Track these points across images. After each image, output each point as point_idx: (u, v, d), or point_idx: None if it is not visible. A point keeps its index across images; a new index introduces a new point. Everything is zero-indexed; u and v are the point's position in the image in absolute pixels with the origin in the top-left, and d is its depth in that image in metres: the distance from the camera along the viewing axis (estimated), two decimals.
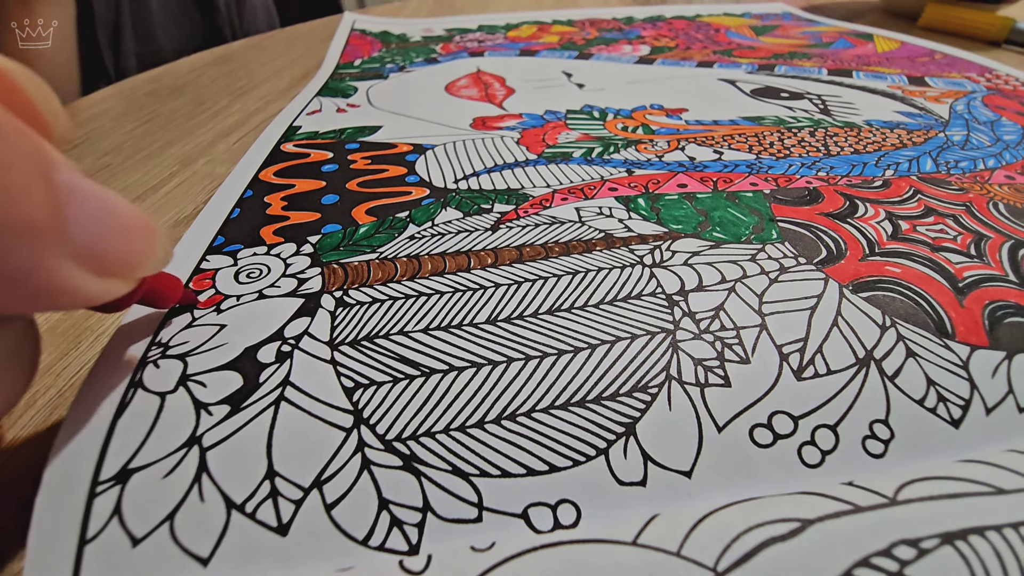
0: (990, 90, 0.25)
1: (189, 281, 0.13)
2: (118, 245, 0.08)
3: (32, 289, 0.07)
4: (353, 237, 0.14)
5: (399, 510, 0.08)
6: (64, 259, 0.07)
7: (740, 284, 0.12)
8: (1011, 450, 0.09)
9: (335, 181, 0.17)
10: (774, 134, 0.20)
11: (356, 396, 0.10)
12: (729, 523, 0.08)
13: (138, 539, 0.08)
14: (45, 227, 0.07)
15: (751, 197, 0.16)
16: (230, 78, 0.30)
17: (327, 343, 0.11)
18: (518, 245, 0.14)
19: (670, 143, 0.20)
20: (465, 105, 0.24)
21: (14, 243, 0.06)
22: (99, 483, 0.08)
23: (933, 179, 0.17)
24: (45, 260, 0.07)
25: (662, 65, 0.30)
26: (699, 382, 0.10)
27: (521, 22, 0.40)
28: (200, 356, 0.10)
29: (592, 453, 0.09)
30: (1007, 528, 0.08)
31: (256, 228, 0.15)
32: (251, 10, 0.54)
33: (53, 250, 0.07)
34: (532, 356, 0.10)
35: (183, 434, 0.09)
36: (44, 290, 0.07)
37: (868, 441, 0.09)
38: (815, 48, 0.32)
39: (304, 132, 0.21)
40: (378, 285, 0.12)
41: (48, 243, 0.07)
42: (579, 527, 0.08)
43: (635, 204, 0.16)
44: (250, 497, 0.08)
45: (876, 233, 0.14)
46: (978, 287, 0.12)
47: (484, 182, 0.17)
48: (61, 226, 0.07)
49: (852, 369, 0.10)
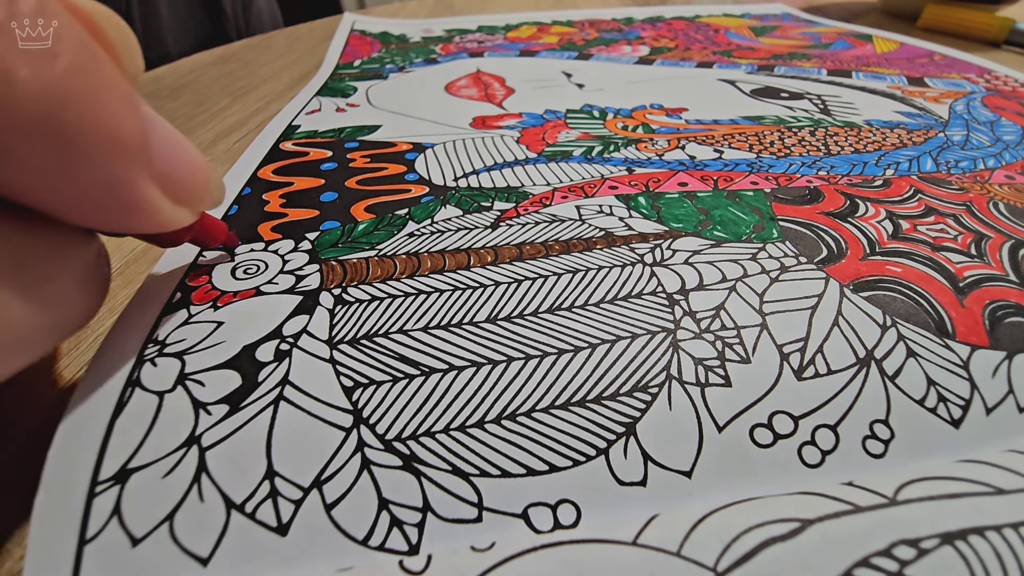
0: (989, 91, 0.25)
1: (185, 277, 0.12)
2: (188, 175, 0.09)
3: (120, 202, 0.08)
4: (352, 234, 0.14)
5: (399, 510, 0.08)
6: (147, 178, 0.08)
7: (741, 283, 0.12)
8: (1011, 450, 0.09)
9: (334, 179, 0.17)
10: (774, 133, 0.20)
11: (356, 395, 0.10)
12: (729, 523, 0.08)
13: (138, 539, 0.08)
14: (134, 144, 0.07)
15: (752, 196, 0.16)
16: (230, 78, 0.30)
17: (326, 342, 0.11)
18: (518, 243, 0.14)
19: (670, 142, 0.20)
20: (465, 105, 0.24)
21: (109, 156, 0.07)
22: (98, 483, 0.08)
23: (933, 179, 0.17)
24: (132, 174, 0.08)
25: (662, 65, 0.30)
26: (699, 382, 0.10)
27: (520, 23, 0.40)
28: (198, 354, 0.10)
29: (592, 453, 0.09)
30: (1007, 528, 0.08)
31: (254, 225, 0.15)
32: (257, 13, 0.55)
33: (140, 167, 0.08)
34: (532, 355, 0.10)
35: (182, 434, 0.09)
36: (130, 204, 0.08)
37: (868, 441, 0.09)
38: (814, 49, 0.32)
39: (303, 131, 0.21)
40: (377, 283, 0.12)
41: (136, 160, 0.08)
42: (579, 527, 0.08)
43: (635, 202, 0.16)
44: (250, 497, 0.08)
45: (877, 232, 0.14)
46: (978, 287, 0.12)
47: (484, 180, 0.17)
48: (146, 148, 0.08)
49: (852, 369, 0.10)
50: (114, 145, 0.07)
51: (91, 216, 0.08)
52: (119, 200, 0.08)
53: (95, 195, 0.07)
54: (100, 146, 0.07)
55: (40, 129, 0.06)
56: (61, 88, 0.06)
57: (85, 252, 0.09)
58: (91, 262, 0.09)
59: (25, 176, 0.07)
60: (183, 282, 0.12)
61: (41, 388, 0.11)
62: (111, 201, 0.08)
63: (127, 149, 0.07)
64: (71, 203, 0.07)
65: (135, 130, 0.07)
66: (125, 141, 0.07)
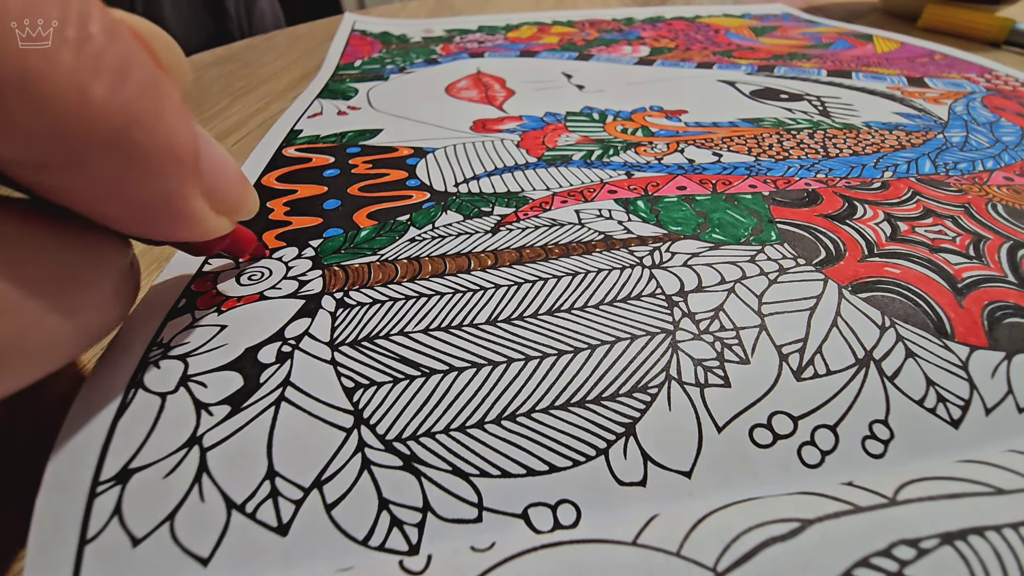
0: (989, 91, 0.25)
1: (192, 283, 0.13)
2: (231, 187, 0.09)
3: (172, 213, 0.08)
4: (354, 240, 0.14)
5: (399, 510, 0.08)
6: (197, 191, 0.08)
7: (739, 285, 0.12)
8: (1011, 450, 0.09)
9: (337, 186, 0.17)
10: (773, 136, 0.21)
11: (356, 396, 0.10)
12: (729, 523, 0.08)
13: (138, 539, 0.08)
14: (189, 160, 0.08)
15: (750, 199, 0.16)
16: (230, 79, 0.30)
17: (327, 343, 0.11)
18: (518, 247, 0.14)
19: (669, 146, 0.20)
20: (465, 107, 0.24)
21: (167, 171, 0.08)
22: (99, 483, 0.08)
23: (932, 180, 0.17)
24: (185, 187, 0.08)
25: (662, 66, 0.30)
26: (699, 382, 0.10)
27: (521, 23, 0.40)
28: (201, 356, 0.10)
29: (592, 453, 0.09)
30: (1007, 528, 0.08)
31: (259, 233, 0.15)
32: (260, 13, 0.55)
33: (191, 181, 0.08)
34: (532, 356, 0.11)
35: (183, 434, 0.09)
36: (179, 214, 0.08)
37: (868, 441, 0.09)
38: (814, 49, 0.33)
39: (305, 136, 0.21)
40: (378, 286, 0.12)
41: (189, 175, 0.08)
42: (579, 527, 0.08)
43: (634, 206, 0.16)
44: (250, 497, 0.08)
45: (875, 234, 0.14)
46: (977, 288, 0.12)
47: (484, 185, 0.17)
48: (198, 163, 0.08)
49: (852, 369, 0.10)
50: (173, 161, 0.08)
51: (143, 225, 0.08)
52: (171, 211, 0.08)
53: (151, 206, 0.08)
54: (161, 162, 0.07)
55: (111, 145, 0.07)
56: (131, 108, 0.07)
57: (121, 260, 0.09)
58: (125, 270, 0.09)
59: (91, 187, 0.07)
60: (188, 288, 0.12)
61: (44, 388, 0.11)
62: (164, 212, 0.08)
63: (183, 164, 0.08)
64: (127, 214, 0.08)
65: (190, 146, 0.08)
66: (182, 157, 0.08)
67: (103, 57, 0.07)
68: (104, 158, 0.07)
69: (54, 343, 0.08)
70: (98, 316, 0.09)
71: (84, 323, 0.08)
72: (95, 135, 0.07)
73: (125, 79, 0.07)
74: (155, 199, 0.08)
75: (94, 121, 0.07)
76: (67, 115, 0.06)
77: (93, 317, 0.08)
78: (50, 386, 0.11)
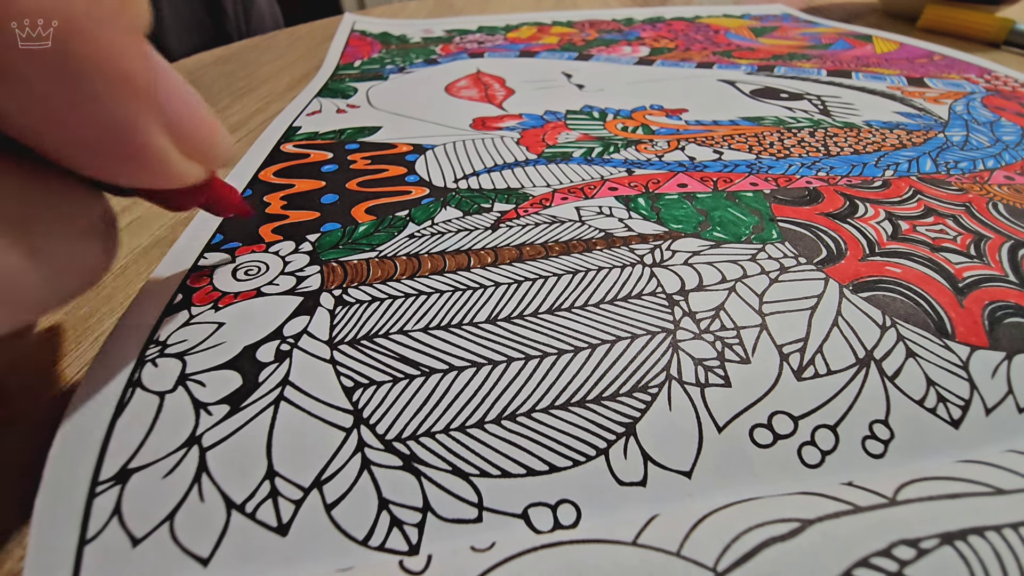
0: (989, 91, 0.25)
1: (187, 279, 0.13)
2: (198, 127, 0.09)
3: (127, 145, 0.07)
4: (352, 236, 0.14)
5: (399, 510, 0.08)
6: (155, 125, 0.08)
7: (740, 284, 0.12)
8: (1011, 450, 0.09)
9: (335, 181, 0.17)
10: (774, 134, 0.20)
11: (356, 396, 0.10)
12: (729, 523, 0.08)
13: (138, 539, 0.08)
14: (142, 83, 0.07)
15: (751, 197, 0.16)
16: (230, 78, 0.30)
17: (326, 342, 0.11)
18: (518, 244, 0.14)
19: (670, 143, 0.20)
20: (465, 106, 0.24)
21: (115, 92, 0.07)
22: (99, 483, 0.08)
23: (933, 179, 0.17)
24: (140, 116, 0.07)
25: (662, 66, 0.30)
26: (699, 382, 0.10)
27: (521, 23, 0.40)
28: (199, 355, 0.10)
29: (592, 453, 0.09)
30: (1007, 528, 0.08)
31: (255, 226, 0.15)
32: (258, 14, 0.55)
33: (147, 110, 0.07)
34: (532, 356, 0.10)
35: (183, 434, 0.09)
36: (137, 149, 0.07)
37: (868, 441, 0.09)
38: (814, 49, 0.33)
39: (304, 132, 0.21)
40: (377, 283, 0.12)
41: (144, 101, 0.07)
42: (579, 527, 0.08)
43: (635, 204, 0.16)
44: (250, 497, 0.08)
45: (876, 233, 0.14)
46: (978, 287, 0.12)
47: (484, 181, 0.17)
48: (154, 89, 0.07)
49: (852, 369, 0.10)
50: (121, 81, 0.07)
51: (97, 160, 0.07)
52: (126, 143, 0.07)
53: (101, 134, 0.07)
54: (106, 80, 0.07)
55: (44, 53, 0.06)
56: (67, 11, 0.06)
57: (90, 211, 0.09)
58: (96, 221, 0.09)
59: (29, 108, 0.07)
60: (184, 283, 0.12)
61: (42, 388, 0.11)
62: (118, 143, 0.07)
63: (134, 88, 0.07)
64: (75, 143, 0.07)
65: (142, 69, 0.07)
66: (132, 79, 0.07)
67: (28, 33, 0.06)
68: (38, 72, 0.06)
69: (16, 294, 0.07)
70: (67, 270, 0.08)
71: (51, 275, 0.08)
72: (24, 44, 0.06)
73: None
74: (105, 126, 0.07)
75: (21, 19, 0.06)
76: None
77: (60, 262, 0.08)
78: (49, 385, 0.11)
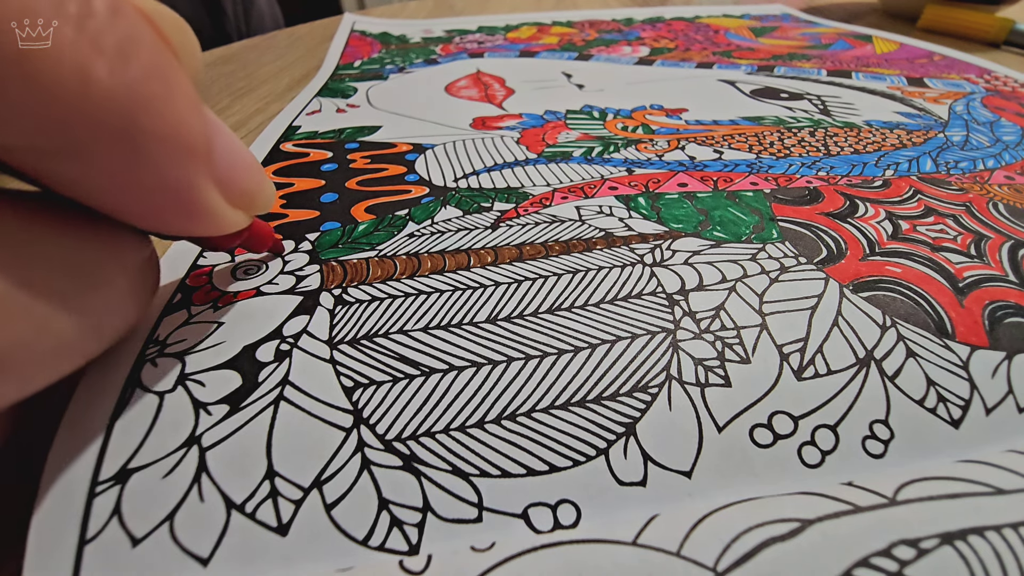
0: (989, 91, 0.25)
1: (186, 277, 0.13)
2: (246, 178, 0.09)
3: (184, 204, 0.08)
4: (352, 235, 0.14)
5: (399, 510, 0.08)
6: (209, 182, 0.08)
7: (740, 283, 0.12)
8: (1011, 450, 0.09)
9: (334, 180, 0.17)
10: (774, 134, 0.20)
11: (356, 396, 0.10)
12: (729, 523, 0.08)
13: (138, 539, 0.08)
14: (200, 148, 0.08)
15: (751, 196, 0.16)
16: (230, 79, 0.30)
17: (326, 342, 0.11)
18: (518, 243, 0.14)
19: (670, 142, 0.20)
20: (465, 105, 0.24)
21: (177, 159, 0.07)
22: (98, 483, 0.08)
23: (933, 179, 0.17)
24: (197, 178, 0.08)
25: (662, 66, 0.30)
26: (699, 382, 0.10)
27: (521, 23, 0.40)
28: (198, 354, 0.10)
29: (592, 453, 0.09)
30: (1007, 528, 0.08)
31: None
32: (258, 14, 0.55)
33: (203, 171, 0.08)
34: (532, 356, 0.10)
35: (182, 434, 0.09)
36: (192, 207, 0.08)
37: (868, 441, 0.09)
38: (814, 49, 0.33)
39: (303, 132, 0.21)
40: (377, 283, 0.12)
41: (200, 164, 0.08)
42: (579, 527, 0.08)
43: (635, 203, 0.16)
44: (250, 497, 0.08)
45: (876, 233, 0.14)
46: (978, 287, 0.12)
47: (484, 181, 0.17)
48: (210, 151, 0.08)
49: (852, 369, 0.10)
50: (182, 149, 0.07)
51: (154, 218, 0.08)
52: (183, 202, 0.08)
53: (160, 197, 0.07)
54: (170, 149, 0.07)
55: (116, 131, 0.06)
56: (137, 90, 0.06)
57: (137, 256, 0.09)
58: (143, 266, 0.09)
59: (97, 178, 0.07)
60: (183, 283, 0.12)
61: None
62: (175, 203, 0.08)
63: (194, 153, 0.07)
64: (136, 205, 0.07)
65: (201, 134, 0.07)
66: (192, 145, 0.07)
67: (106, 34, 0.06)
68: (109, 145, 0.06)
69: (66, 346, 0.07)
70: (113, 316, 0.08)
71: (97, 324, 0.08)
72: (98, 120, 0.06)
73: (130, 59, 0.06)
74: (165, 190, 0.07)
75: (97, 104, 0.06)
76: (67, 96, 0.06)
77: (108, 317, 0.08)
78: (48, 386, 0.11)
